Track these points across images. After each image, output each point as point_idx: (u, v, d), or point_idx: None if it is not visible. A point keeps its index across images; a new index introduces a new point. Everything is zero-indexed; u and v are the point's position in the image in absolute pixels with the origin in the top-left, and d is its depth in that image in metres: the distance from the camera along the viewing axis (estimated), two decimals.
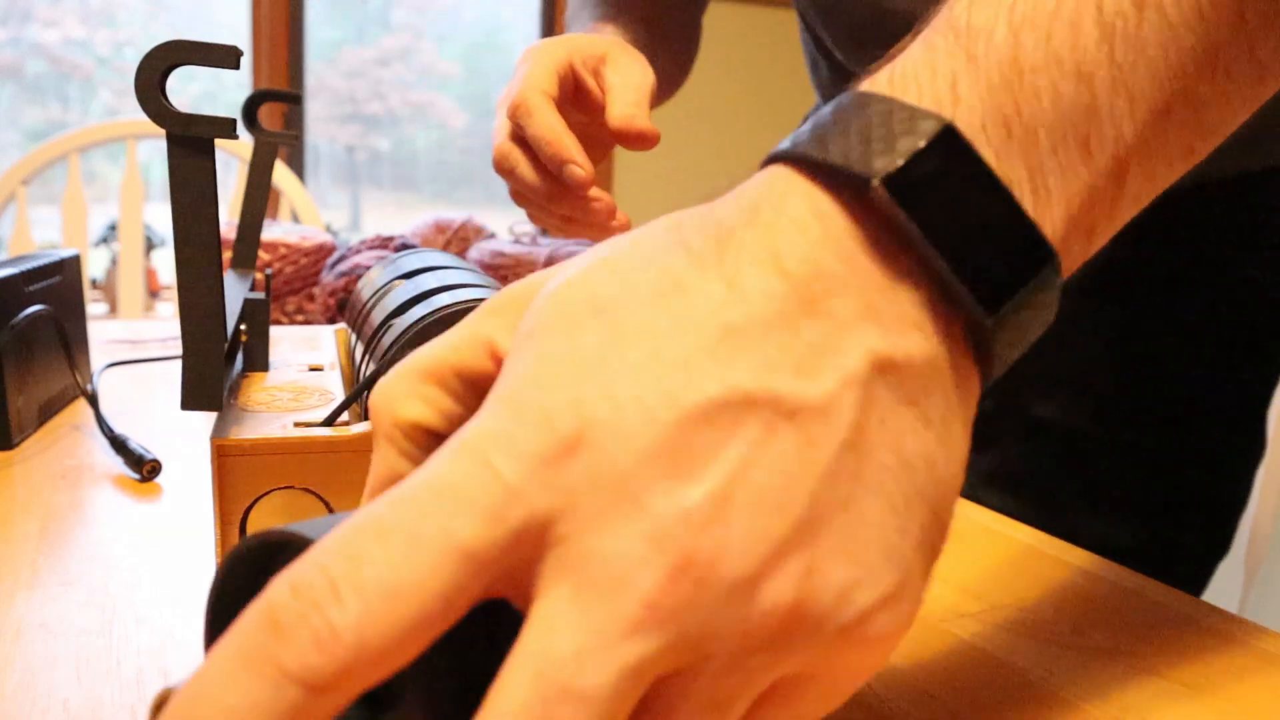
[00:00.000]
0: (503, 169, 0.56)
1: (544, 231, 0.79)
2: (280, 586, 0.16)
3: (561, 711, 0.16)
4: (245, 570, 0.21)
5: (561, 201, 0.55)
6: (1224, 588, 1.50)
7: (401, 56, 2.43)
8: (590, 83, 0.55)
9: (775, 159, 0.21)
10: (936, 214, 0.19)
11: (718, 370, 0.18)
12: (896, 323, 0.19)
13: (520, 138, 0.54)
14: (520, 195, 0.58)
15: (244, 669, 0.15)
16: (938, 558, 0.20)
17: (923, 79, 0.21)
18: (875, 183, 0.19)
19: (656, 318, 0.19)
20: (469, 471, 0.17)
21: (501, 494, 0.17)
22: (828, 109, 0.22)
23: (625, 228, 0.56)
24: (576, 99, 0.56)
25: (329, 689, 0.16)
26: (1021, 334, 0.21)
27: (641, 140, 0.52)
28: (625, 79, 0.54)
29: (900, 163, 0.19)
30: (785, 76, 2.29)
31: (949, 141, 0.20)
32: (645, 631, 0.16)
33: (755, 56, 2.32)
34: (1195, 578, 0.62)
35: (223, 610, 0.21)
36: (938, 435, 0.19)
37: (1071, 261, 0.23)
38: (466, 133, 2.51)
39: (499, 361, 0.21)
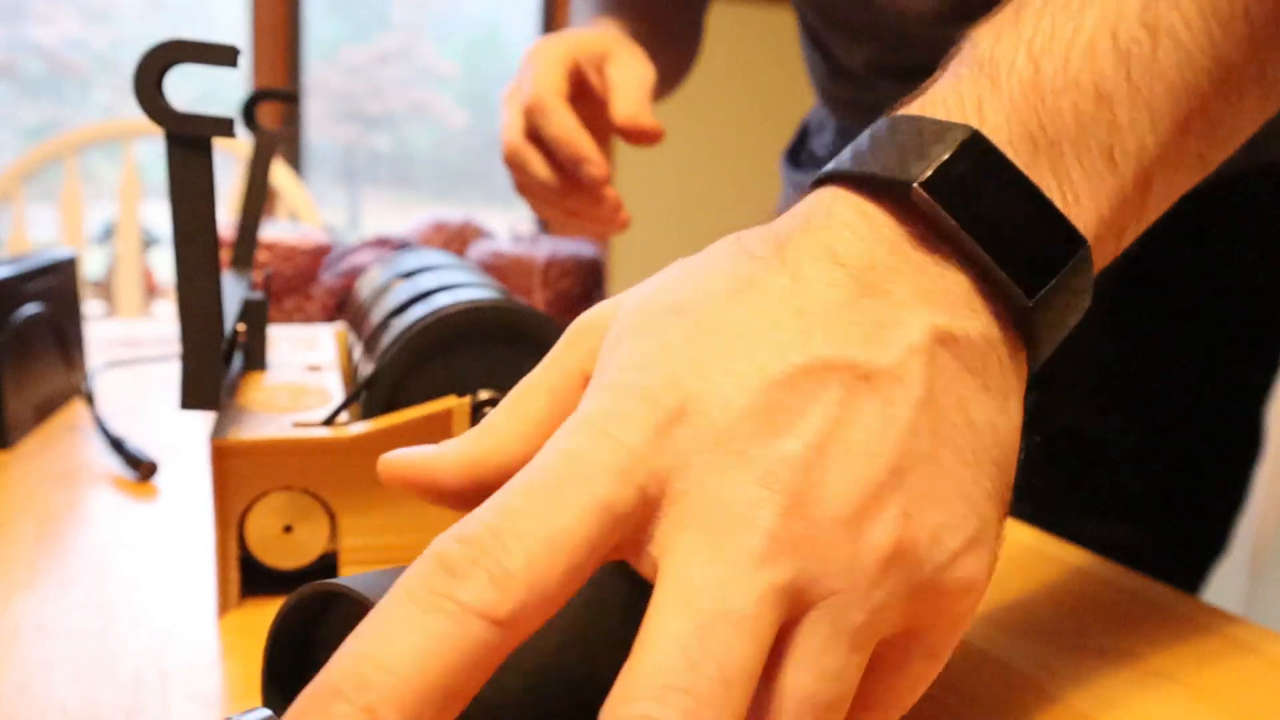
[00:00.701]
0: (513, 163, 0.57)
1: (545, 227, 0.79)
2: (446, 540, 0.17)
3: (719, 631, 0.17)
4: (298, 620, 0.22)
5: (569, 196, 0.56)
6: (1227, 589, 1.51)
7: (401, 55, 2.43)
8: (594, 79, 0.57)
9: (819, 182, 0.24)
10: (972, 210, 0.22)
11: (797, 343, 0.20)
12: (949, 304, 0.21)
13: (533, 134, 0.56)
14: (527, 188, 0.59)
15: (424, 610, 0.17)
16: (1007, 513, 0.22)
17: (950, 102, 0.24)
18: (915, 185, 0.21)
19: (734, 309, 0.21)
20: (594, 442, 0.19)
21: (626, 457, 0.19)
22: (864, 136, 0.24)
23: (627, 223, 0.57)
24: (580, 94, 0.57)
25: (509, 625, 0.17)
26: (1061, 317, 0.23)
27: (646, 137, 0.54)
28: (628, 75, 0.56)
29: (935, 167, 0.22)
30: (785, 76, 2.29)
31: (978, 145, 0.22)
32: (773, 561, 0.18)
33: (755, 56, 2.32)
34: (1193, 579, 0.62)
35: (278, 658, 0.22)
36: (997, 403, 0.22)
37: (1103, 258, 0.25)
38: (466, 132, 2.51)
39: None
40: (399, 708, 0.16)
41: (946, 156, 0.22)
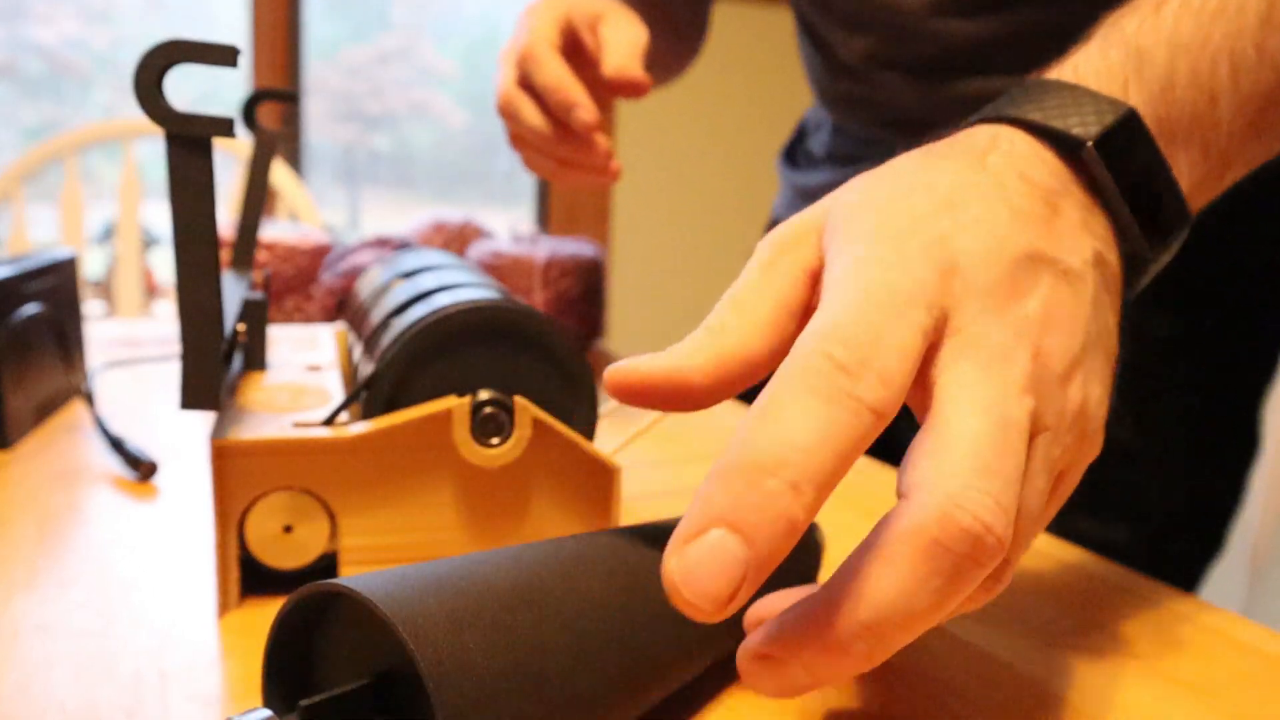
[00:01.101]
0: (507, 113, 0.59)
1: (543, 229, 0.79)
2: (830, 343, 0.21)
3: (1010, 434, 0.22)
4: (299, 620, 0.22)
5: (562, 144, 0.59)
6: (1227, 588, 1.51)
7: (401, 55, 2.43)
8: (587, 38, 0.59)
9: (983, 120, 0.29)
10: (1125, 174, 0.28)
11: (1023, 233, 0.25)
12: (1102, 237, 0.27)
13: (526, 85, 0.58)
14: (519, 139, 0.61)
15: (826, 402, 0.20)
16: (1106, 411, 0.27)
17: (1101, 77, 0.29)
18: (1088, 145, 0.27)
19: (964, 194, 0.26)
20: (900, 276, 0.23)
21: (931, 290, 0.23)
22: (1019, 89, 0.29)
23: (619, 173, 0.60)
24: (573, 54, 0.59)
25: (886, 418, 0.21)
26: (1156, 270, 0.30)
27: (634, 89, 0.56)
28: (620, 34, 0.58)
29: (1104, 132, 0.27)
30: (784, 76, 2.29)
31: (1135, 123, 0.28)
32: (1028, 393, 0.23)
33: (754, 56, 2.32)
34: (1189, 578, 0.62)
35: (278, 658, 0.22)
36: (1116, 319, 0.28)
37: None
38: (466, 132, 2.51)
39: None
40: (815, 485, 0.20)
41: (1113, 124, 0.27)
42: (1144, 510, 0.60)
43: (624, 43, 0.57)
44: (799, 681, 0.22)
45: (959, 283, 0.24)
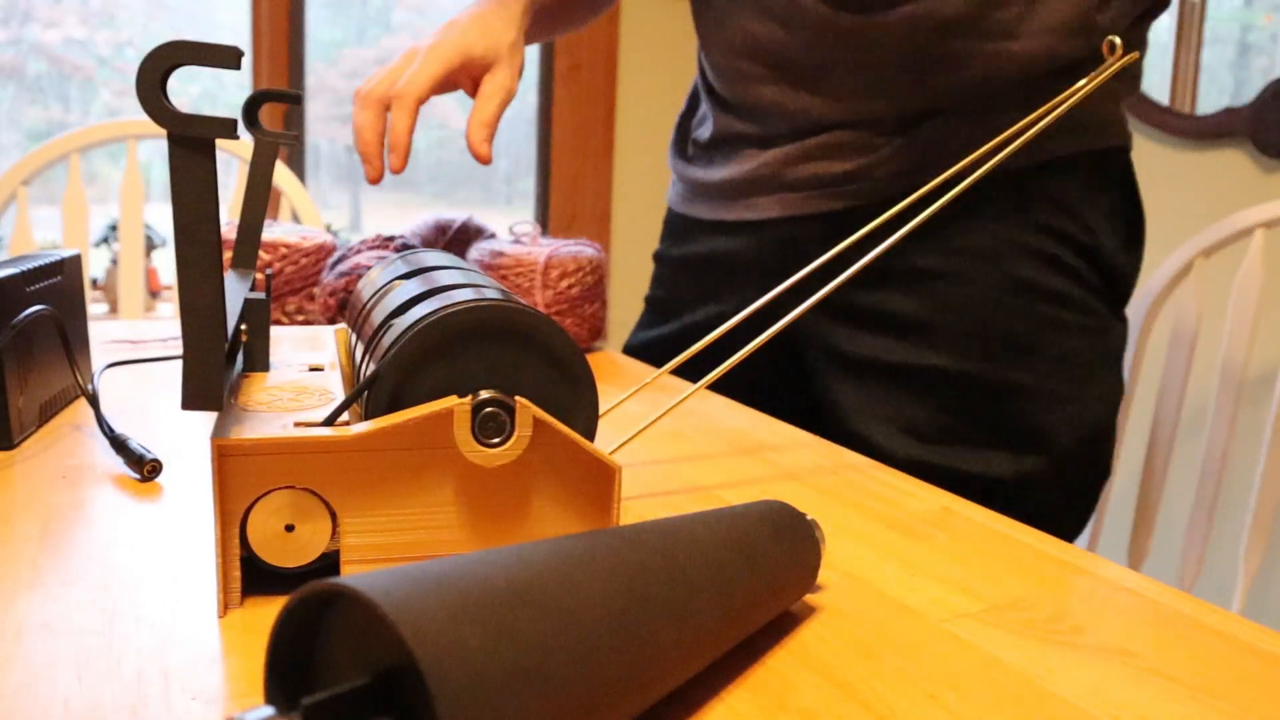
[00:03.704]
0: (360, 107, 0.70)
1: (543, 230, 0.81)
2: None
3: None
4: (301, 619, 0.22)
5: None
6: (1224, 588, 1.50)
7: None
8: (467, 88, 0.73)
9: None
10: None
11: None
12: None
13: (384, 106, 0.70)
14: (358, 134, 0.71)
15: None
16: None
17: None
18: None
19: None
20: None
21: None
22: None
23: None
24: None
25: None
26: None
27: (479, 158, 0.69)
28: (489, 93, 0.70)
29: None
30: None
31: None
32: None
33: None
34: (1089, 500, 0.75)
35: (280, 656, 0.22)
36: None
37: None
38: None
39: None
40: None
41: None
42: (1048, 441, 0.70)
43: (489, 105, 0.70)
44: None
45: None
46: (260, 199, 0.48)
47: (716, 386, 0.77)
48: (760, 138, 0.79)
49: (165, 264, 2.03)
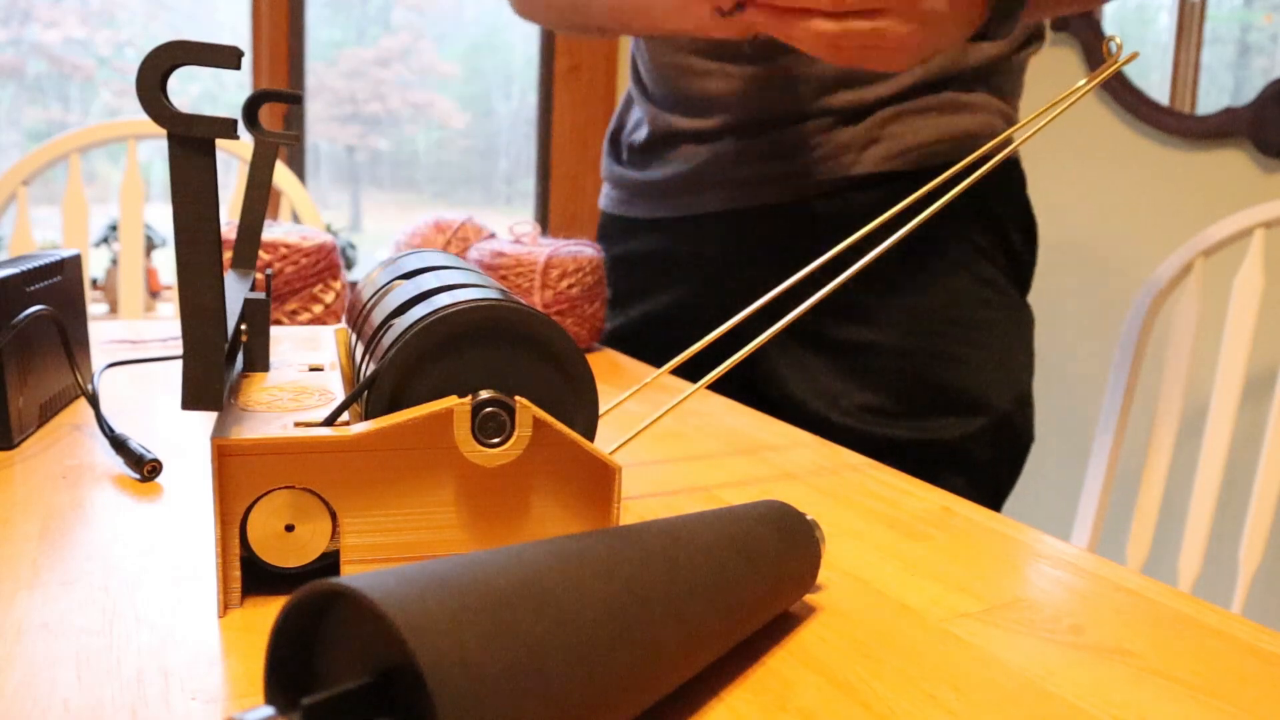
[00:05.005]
0: None
1: (543, 230, 0.82)
2: None
3: None
4: (301, 619, 0.22)
5: None
6: (1223, 587, 1.50)
7: (401, 57, 2.43)
8: None
9: None
10: None
11: None
12: None
13: None
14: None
15: None
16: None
17: None
18: None
19: None
20: None
21: None
22: None
23: None
24: None
25: None
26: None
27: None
28: None
29: None
30: None
31: None
32: None
33: None
34: (1012, 461, 0.81)
35: (280, 656, 0.22)
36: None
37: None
38: (466, 133, 2.51)
39: None
40: None
41: None
42: (989, 405, 0.78)
43: None
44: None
45: None
46: (260, 199, 0.48)
47: (657, 358, 0.82)
48: (700, 132, 0.83)
49: (165, 264, 2.03)
